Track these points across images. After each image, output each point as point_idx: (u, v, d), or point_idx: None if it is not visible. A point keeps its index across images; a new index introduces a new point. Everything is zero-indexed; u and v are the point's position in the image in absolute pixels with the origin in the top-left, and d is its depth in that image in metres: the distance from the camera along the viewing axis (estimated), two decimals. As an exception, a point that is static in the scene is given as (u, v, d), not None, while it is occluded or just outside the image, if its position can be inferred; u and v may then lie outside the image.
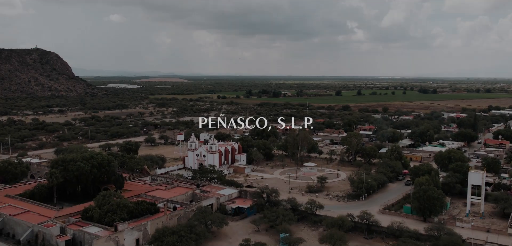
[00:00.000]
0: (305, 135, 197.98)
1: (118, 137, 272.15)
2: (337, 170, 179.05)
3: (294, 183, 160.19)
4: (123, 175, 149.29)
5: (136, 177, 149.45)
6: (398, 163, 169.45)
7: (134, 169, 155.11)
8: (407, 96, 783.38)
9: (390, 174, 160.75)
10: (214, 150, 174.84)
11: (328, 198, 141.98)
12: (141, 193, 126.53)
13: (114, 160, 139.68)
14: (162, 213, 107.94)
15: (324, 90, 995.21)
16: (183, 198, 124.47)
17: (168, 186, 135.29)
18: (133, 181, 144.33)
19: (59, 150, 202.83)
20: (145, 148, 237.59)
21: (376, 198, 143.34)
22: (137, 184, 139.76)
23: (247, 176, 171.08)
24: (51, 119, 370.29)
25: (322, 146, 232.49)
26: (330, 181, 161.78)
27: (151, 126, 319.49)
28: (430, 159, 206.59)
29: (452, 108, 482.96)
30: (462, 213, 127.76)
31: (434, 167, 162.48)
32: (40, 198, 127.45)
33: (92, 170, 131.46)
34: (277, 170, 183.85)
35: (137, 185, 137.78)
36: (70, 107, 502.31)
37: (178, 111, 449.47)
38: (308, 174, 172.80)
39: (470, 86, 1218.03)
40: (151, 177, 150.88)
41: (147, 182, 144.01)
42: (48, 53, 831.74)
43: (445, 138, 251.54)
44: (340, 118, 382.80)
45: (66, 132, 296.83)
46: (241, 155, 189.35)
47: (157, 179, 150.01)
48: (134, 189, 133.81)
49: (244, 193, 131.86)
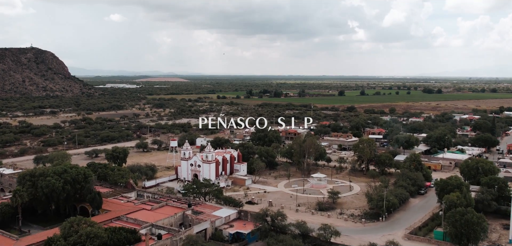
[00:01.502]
0: (312, 141, 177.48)
1: (109, 141, 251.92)
2: (349, 182, 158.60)
3: (302, 198, 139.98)
4: (104, 191, 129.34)
5: (119, 192, 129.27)
6: (419, 174, 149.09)
7: (117, 183, 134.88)
8: (412, 96, 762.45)
9: (411, 188, 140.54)
10: (210, 159, 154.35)
11: (342, 217, 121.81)
12: (122, 215, 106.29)
13: (92, 174, 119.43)
14: (143, 243, 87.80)
15: (326, 90, 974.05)
16: (172, 221, 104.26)
17: (155, 205, 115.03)
18: (115, 197, 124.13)
19: (39, 158, 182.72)
20: (136, 155, 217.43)
21: (398, 217, 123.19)
22: (119, 202, 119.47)
23: (247, 189, 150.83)
24: (42, 121, 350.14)
25: (329, 153, 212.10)
26: (343, 196, 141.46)
27: (144, 129, 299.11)
28: (451, 167, 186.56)
29: (461, 110, 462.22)
30: (503, 238, 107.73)
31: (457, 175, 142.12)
32: (3, 220, 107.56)
33: (65, 187, 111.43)
34: (282, 181, 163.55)
35: (118, 204, 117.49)
36: (64, 108, 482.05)
37: (175, 113, 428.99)
38: (317, 187, 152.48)
39: (473, 86, 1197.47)
40: (136, 193, 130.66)
41: (132, 199, 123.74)
42: (43, 52, 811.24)
43: (463, 143, 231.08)
44: (346, 120, 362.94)
45: (53, 135, 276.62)
46: (241, 164, 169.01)
47: (144, 194, 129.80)
48: (114, 208, 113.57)
49: (244, 214, 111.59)
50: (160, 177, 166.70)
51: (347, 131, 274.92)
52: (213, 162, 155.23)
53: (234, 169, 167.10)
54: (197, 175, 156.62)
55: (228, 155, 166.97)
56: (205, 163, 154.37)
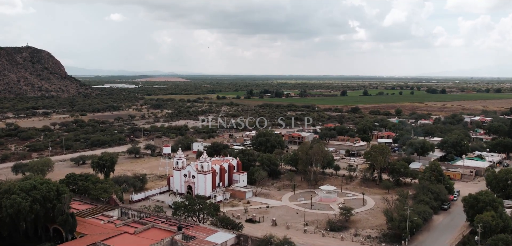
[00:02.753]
0: (320, 148, 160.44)
1: (99, 146, 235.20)
2: (362, 195, 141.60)
3: (310, 215, 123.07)
4: (83, 208, 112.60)
5: (101, 209, 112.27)
6: (442, 187, 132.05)
7: (99, 198, 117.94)
8: (416, 96, 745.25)
9: (433, 203, 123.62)
10: (205, 169, 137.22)
11: (357, 240, 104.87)
12: (99, 242, 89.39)
13: (66, 190, 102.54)
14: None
15: (328, 90, 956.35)
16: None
17: (139, 227, 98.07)
18: (95, 216, 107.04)
19: (18, 166, 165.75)
20: (127, 161, 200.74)
21: (423, 240, 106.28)
22: (98, 223, 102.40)
23: (248, 203, 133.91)
24: (33, 123, 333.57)
25: (337, 159, 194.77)
26: (357, 212, 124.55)
27: (138, 132, 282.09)
28: (471, 177, 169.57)
29: (469, 111, 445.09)
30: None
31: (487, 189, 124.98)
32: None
33: (33, 206, 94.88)
34: (286, 193, 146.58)
35: (97, 226, 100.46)
36: (57, 109, 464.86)
37: (173, 114, 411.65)
38: (326, 200, 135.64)
39: (477, 86, 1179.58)
40: (120, 210, 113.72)
41: (114, 219, 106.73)
42: (39, 52, 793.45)
43: (480, 148, 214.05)
44: (351, 122, 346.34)
45: (41, 139, 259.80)
46: (241, 174, 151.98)
47: (129, 212, 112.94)
48: (92, 231, 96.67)
49: (244, 239, 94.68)
50: (151, 188, 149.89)
51: (354, 134, 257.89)
52: (209, 172, 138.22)
53: (233, 179, 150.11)
54: (192, 187, 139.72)
55: (226, 163, 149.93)
56: (200, 174, 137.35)
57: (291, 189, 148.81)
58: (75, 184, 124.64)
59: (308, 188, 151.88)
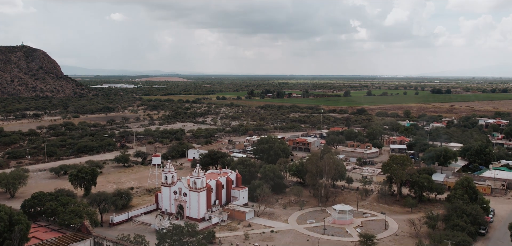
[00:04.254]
0: (331, 159, 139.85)
1: (86, 153, 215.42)
2: (383, 216, 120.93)
3: (323, 242, 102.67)
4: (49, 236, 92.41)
5: (69, 239, 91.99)
6: (478, 208, 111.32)
7: (69, 224, 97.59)
8: (421, 97, 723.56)
9: (470, 227, 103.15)
10: (199, 186, 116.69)
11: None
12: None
13: (22, 219, 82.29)
14: None
15: (331, 91, 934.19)
16: None
17: (112, 266, 77.84)
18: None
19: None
20: (114, 171, 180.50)
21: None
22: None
23: (249, 226, 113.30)
24: (20, 126, 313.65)
25: (348, 169, 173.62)
26: (379, 238, 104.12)
27: (131, 136, 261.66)
28: (503, 191, 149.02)
29: (479, 112, 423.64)
30: None
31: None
32: None
33: (-24, 242, 74.81)
34: (293, 212, 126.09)
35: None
36: (49, 111, 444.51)
37: (170, 116, 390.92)
38: (340, 223, 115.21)
39: (480, 85, 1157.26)
40: (93, 240, 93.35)
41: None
42: (34, 51, 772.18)
43: (506, 156, 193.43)
44: (358, 125, 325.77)
45: (24, 144, 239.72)
46: (241, 189, 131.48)
47: (103, 242, 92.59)
48: (51, 273, 76.41)
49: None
50: (137, 205, 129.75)
51: (364, 139, 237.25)
52: (204, 189, 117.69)
53: (231, 196, 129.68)
54: (183, 206, 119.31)
55: (223, 178, 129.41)
56: (192, 191, 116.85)
57: (299, 207, 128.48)
58: (43, 204, 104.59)
59: (318, 206, 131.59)
